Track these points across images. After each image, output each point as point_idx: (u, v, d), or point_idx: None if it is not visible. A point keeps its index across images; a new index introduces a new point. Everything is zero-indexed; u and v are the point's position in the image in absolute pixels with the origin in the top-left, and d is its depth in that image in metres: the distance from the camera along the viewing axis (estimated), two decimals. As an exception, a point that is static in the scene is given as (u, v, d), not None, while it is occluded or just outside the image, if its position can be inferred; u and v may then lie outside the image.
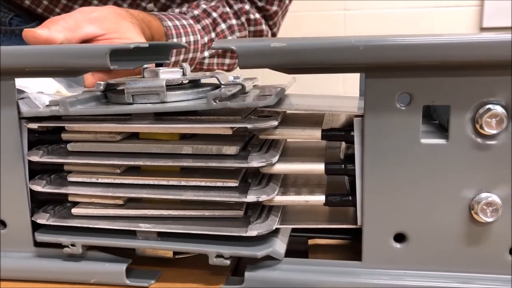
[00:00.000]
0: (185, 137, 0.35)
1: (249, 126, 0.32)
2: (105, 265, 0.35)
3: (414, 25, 1.50)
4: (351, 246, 0.37)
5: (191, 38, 0.66)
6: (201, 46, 0.69)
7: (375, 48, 0.29)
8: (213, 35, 0.71)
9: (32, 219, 0.36)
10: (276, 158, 0.32)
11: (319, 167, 0.34)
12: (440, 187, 0.31)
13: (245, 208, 0.34)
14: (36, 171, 0.36)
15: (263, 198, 0.33)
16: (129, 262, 0.35)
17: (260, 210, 0.35)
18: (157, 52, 0.42)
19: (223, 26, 0.72)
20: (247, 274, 0.32)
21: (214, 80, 0.36)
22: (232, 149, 0.33)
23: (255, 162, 0.33)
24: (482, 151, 0.31)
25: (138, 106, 0.34)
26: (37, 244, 0.36)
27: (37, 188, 0.35)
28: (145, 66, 0.38)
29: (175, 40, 0.65)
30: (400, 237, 0.33)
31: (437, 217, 0.32)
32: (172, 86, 0.35)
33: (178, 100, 0.35)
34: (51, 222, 0.36)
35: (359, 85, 0.38)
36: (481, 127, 0.30)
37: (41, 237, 0.36)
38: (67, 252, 0.35)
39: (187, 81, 0.37)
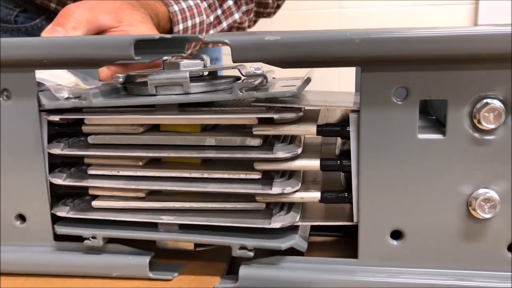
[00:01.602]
0: (206, 129, 0.36)
1: (275, 116, 0.33)
2: (128, 258, 0.36)
3: (409, 23, 1.50)
4: (347, 244, 0.37)
5: (197, 20, 0.66)
6: (206, 26, 0.70)
7: (371, 41, 0.29)
8: (219, 12, 0.71)
9: (52, 212, 0.36)
10: (300, 149, 0.34)
11: (314, 163, 0.34)
12: (438, 183, 0.32)
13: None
14: (54, 164, 0.37)
15: (288, 190, 0.33)
16: (152, 254, 0.36)
17: (281, 204, 0.36)
18: (173, 45, 0.43)
19: (229, 2, 0.74)
20: (241, 272, 0.32)
21: (233, 72, 0.38)
22: (255, 141, 0.34)
23: (281, 153, 0.33)
24: (480, 146, 0.31)
25: (164, 97, 0.35)
26: (57, 238, 0.37)
27: (58, 181, 0.36)
28: (165, 58, 0.39)
29: (180, 25, 0.66)
30: (396, 234, 0.33)
31: (434, 214, 0.32)
32: (193, 78, 0.36)
33: (201, 91, 0.35)
34: (71, 214, 0.36)
35: (355, 80, 0.38)
36: (479, 122, 0.30)
37: (61, 230, 0.37)
38: (88, 245, 0.36)
39: (207, 72, 0.38)
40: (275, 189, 0.33)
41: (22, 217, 0.37)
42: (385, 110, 0.31)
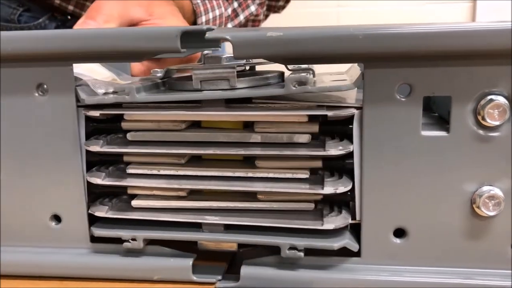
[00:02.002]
0: (247, 125, 0.39)
1: (329, 113, 0.34)
2: (169, 261, 0.38)
3: (406, 21, 1.48)
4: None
5: (217, 12, 0.72)
6: (225, 19, 0.75)
7: (375, 37, 0.34)
8: (235, 4, 0.79)
9: (90, 211, 0.39)
10: (352, 146, 0.35)
11: (316, 161, 0.32)
12: (441, 180, 0.34)
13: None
14: (89, 162, 0.39)
15: (341, 189, 0.35)
16: (194, 257, 0.38)
17: (330, 204, 0.38)
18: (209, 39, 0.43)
19: None
20: (243, 270, 0.32)
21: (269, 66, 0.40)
22: (304, 137, 0.35)
23: (333, 150, 0.34)
24: (484, 143, 0.33)
25: (212, 93, 0.36)
26: (94, 239, 0.39)
27: (97, 180, 0.38)
28: (206, 52, 0.41)
29: (203, 17, 0.72)
30: (400, 232, 0.36)
31: (438, 211, 0.35)
32: (237, 73, 0.37)
33: (248, 86, 0.37)
34: (110, 215, 0.39)
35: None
36: (483, 119, 0.35)
37: (99, 232, 0.38)
38: (127, 247, 0.38)
39: (248, 67, 0.42)
40: (327, 189, 0.35)
41: (57, 218, 0.40)
42: (388, 107, 0.35)
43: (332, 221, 0.35)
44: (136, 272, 0.38)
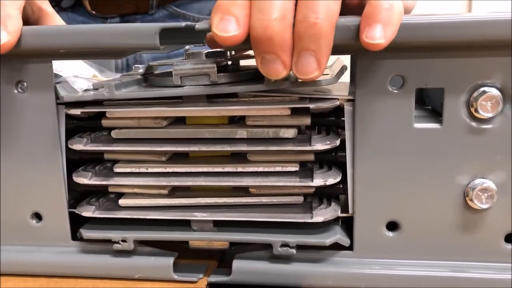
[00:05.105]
0: (233, 121, 0.38)
1: (311, 106, 0.33)
2: (151, 259, 0.37)
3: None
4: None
5: None
6: None
7: None
8: None
9: (76, 211, 0.38)
10: (338, 140, 0.35)
11: (308, 154, 0.34)
12: (434, 173, 0.34)
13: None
14: (71, 160, 0.38)
15: (330, 181, 0.35)
16: (176, 255, 0.38)
17: (319, 197, 0.37)
18: (191, 35, 0.42)
19: None
20: (234, 265, 0.31)
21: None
22: (290, 132, 0.35)
23: (320, 144, 0.34)
24: (477, 135, 0.33)
25: (193, 89, 0.35)
26: (75, 237, 0.38)
27: (83, 180, 0.37)
28: (187, 47, 0.41)
29: None
30: (392, 226, 0.35)
31: (430, 204, 0.35)
32: (219, 68, 0.37)
33: (229, 81, 0.36)
34: (98, 214, 0.38)
35: (349, 68, 0.37)
36: (476, 111, 0.33)
37: (88, 234, 0.37)
38: (118, 249, 0.37)
39: (230, 62, 0.41)
40: (317, 181, 0.35)
41: (38, 216, 0.39)
42: (380, 99, 0.34)
43: (321, 214, 0.35)
44: (117, 270, 0.37)
